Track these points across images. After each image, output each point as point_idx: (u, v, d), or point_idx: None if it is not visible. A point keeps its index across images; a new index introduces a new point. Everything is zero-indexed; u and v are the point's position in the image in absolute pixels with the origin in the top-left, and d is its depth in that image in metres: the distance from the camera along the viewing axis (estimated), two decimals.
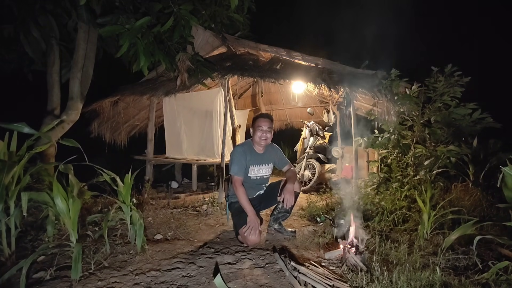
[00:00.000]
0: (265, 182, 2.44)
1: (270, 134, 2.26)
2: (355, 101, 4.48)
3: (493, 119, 3.14)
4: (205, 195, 3.85)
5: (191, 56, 3.72)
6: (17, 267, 1.41)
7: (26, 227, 2.12)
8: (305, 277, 1.53)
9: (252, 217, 2.06)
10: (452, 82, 3.16)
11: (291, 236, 2.32)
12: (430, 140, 3.25)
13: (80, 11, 3.27)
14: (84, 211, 2.53)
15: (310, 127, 4.94)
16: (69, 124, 3.60)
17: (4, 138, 1.85)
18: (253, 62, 4.45)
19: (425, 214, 2.17)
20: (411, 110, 3.41)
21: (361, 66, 4.46)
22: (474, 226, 1.64)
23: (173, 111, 4.85)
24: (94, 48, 3.78)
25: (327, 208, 3.08)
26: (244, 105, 7.19)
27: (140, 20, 2.92)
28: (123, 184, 2.05)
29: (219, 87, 4.34)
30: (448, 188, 2.98)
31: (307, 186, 4.45)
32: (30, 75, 4.19)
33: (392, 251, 1.92)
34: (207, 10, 4.61)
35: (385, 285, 1.48)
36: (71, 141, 1.88)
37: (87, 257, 1.73)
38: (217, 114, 4.47)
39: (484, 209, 2.55)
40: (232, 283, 1.55)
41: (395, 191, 3.02)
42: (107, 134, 5.56)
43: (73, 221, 1.70)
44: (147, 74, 3.88)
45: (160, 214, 2.88)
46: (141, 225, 1.88)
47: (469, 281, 1.51)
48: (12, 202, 1.71)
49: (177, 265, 1.75)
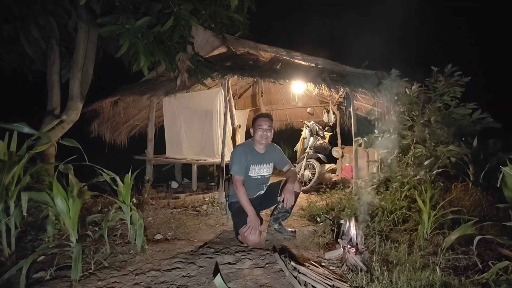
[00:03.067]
0: (266, 182, 2.45)
1: (270, 133, 2.26)
2: (355, 101, 4.49)
3: (493, 119, 3.15)
4: (205, 195, 3.85)
5: (191, 56, 3.73)
6: (17, 267, 1.41)
7: (26, 227, 2.11)
8: (305, 277, 1.53)
9: (252, 217, 2.06)
10: (452, 82, 3.16)
11: (291, 236, 2.32)
12: (430, 140, 3.25)
13: (80, 11, 3.28)
14: (84, 211, 2.53)
15: (310, 127, 4.94)
16: (69, 124, 3.60)
17: (4, 138, 1.85)
18: (253, 62, 4.45)
19: (425, 214, 2.17)
20: (411, 110, 3.41)
21: (361, 66, 4.47)
22: (474, 226, 1.64)
23: (173, 111, 4.85)
24: (94, 48, 3.78)
25: (327, 208, 3.08)
26: (244, 105, 7.19)
27: (140, 20, 2.93)
28: (123, 184, 2.05)
29: (219, 87, 4.34)
30: (448, 188, 2.97)
31: (307, 186, 4.45)
32: (30, 75, 4.19)
33: (392, 251, 1.92)
34: (207, 10, 4.62)
35: (385, 285, 1.48)
36: (71, 141, 1.88)
37: (87, 257, 1.73)
38: (217, 114, 4.47)
39: (484, 209, 2.54)
40: (232, 283, 1.55)
41: (395, 191, 3.02)
42: (107, 134, 5.56)
43: (73, 221, 1.70)
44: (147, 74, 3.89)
45: (160, 214, 2.88)
46: (141, 225, 1.88)
47: (469, 281, 1.51)
48: (12, 202, 1.71)
49: (177, 265, 1.75)
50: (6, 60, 3.91)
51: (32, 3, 3.20)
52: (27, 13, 3.24)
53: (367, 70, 4.40)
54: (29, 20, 3.26)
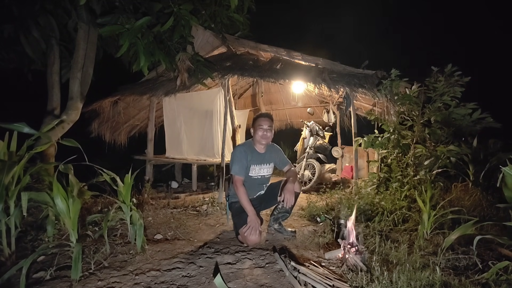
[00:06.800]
0: (266, 182, 2.45)
1: (270, 133, 2.27)
2: (355, 101, 4.49)
3: (493, 119, 3.14)
4: (205, 195, 3.85)
5: (191, 56, 3.72)
6: (17, 267, 1.41)
7: (26, 227, 2.11)
8: (305, 277, 1.53)
9: (252, 217, 2.06)
10: (452, 82, 3.16)
11: (291, 236, 2.32)
12: (430, 140, 3.25)
13: (80, 11, 3.27)
14: (84, 211, 2.52)
15: (310, 127, 4.94)
16: (69, 124, 3.60)
17: (4, 138, 1.85)
18: (253, 62, 4.45)
19: (425, 214, 2.17)
20: (411, 110, 3.40)
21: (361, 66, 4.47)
22: (474, 226, 1.64)
23: (173, 111, 4.85)
24: (94, 48, 3.78)
25: (327, 208, 3.08)
26: (244, 105, 7.19)
27: (140, 20, 2.92)
28: (123, 184, 2.04)
29: (219, 87, 4.34)
30: (448, 188, 2.97)
31: (307, 186, 4.44)
32: (30, 75, 4.19)
33: (392, 251, 1.92)
34: (207, 10, 4.62)
35: (385, 285, 1.48)
36: (71, 141, 1.88)
37: (87, 257, 1.73)
38: (217, 114, 4.47)
39: (484, 209, 2.54)
40: (232, 283, 1.55)
41: (395, 191, 3.02)
42: (107, 134, 5.56)
43: (73, 221, 1.70)
44: (147, 74, 3.89)
45: (160, 214, 2.88)
46: (141, 225, 1.88)
47: (469, 281, 1.51)
48: (12, 202, 1.71)
49: (177, 265, 1.75)
50: (6, 60, 3.91)
51: (32, 3, 3.20)
52: (27, 13, 3.24)
53: (367, 70, 4.40)
54: (29, 20, 3.25)
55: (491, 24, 11.38)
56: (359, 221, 2.57)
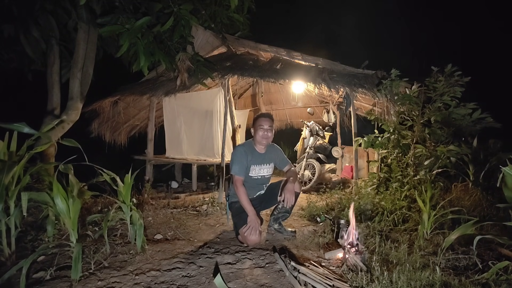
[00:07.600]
0: (266, 182, 2.45)
1: (271, 133, 2.27)
2: (355, 101, 4.49)
3: (493, 119, 3.14)
4: (205, 195, 3.85)
5: (191, 56, 3.72)
6: (17, 267, 1.41)
7: (26, 227, 2.11)
8: (305, 277, 1.53)
9: (252, 217, 2.06)
10: (452, 82, 3.16)
11: (291, 236, 2.32)
12: (430, 140, 3.25)
13: (80, 11, 3.28)
14: (84, 211, 2.53)
15: (310, 127, 4.94)
16: (69, 124, 3.60)
17: (4, 138, 1.85)
18: (253, 62, 4.45)
19: (425, 214, 2.17)
20: (411, 110, 3.40)
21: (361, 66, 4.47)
22: (474, 226, 1.64)
23: (173, 111, 4.85)
24: (94, 48, 3.78)
25: (327, 208, 3.08)
26: (244, 105, 7.19)
27: (140, 20, 2.92)
28: (123, 184, 2.04)
29: (219, 87, 4.34)
30: (448, 188, 2.97)
31: (307, 186, 4.45)
32: (30, 75, 4.19)
33: (392, 251, 1.92)
34: (207, 10, 4.62)
35: (385, 285, 1.48)
36: (71, 141, 1.88)
37: (87, 257, 1.73)
38: (217, 114, 4.47)
39: (484, 209, 2.54)
40: (232, 283, 1.55)
41: (395, 191, 3.02)
42: (107, 134, 5.56)
43: (73, 221, 1.70)
44: (147, 74, 3.89)
45: (160, 214, 2.88)
46: (141, 225, 1.88)
47: (469, 281, 1.51)
48: (12, 202, 1.70)
49: (177, 265, 1.75)
50: (6, 60, 3.91)
51: (32, 3, 3.20)
52: (27, 13, 3.24)
53: (367, 70, 4.40)
54: (29, 20, 3.25)
55: (491, 25, 11.39)
56: (358, 221, 2.57)
